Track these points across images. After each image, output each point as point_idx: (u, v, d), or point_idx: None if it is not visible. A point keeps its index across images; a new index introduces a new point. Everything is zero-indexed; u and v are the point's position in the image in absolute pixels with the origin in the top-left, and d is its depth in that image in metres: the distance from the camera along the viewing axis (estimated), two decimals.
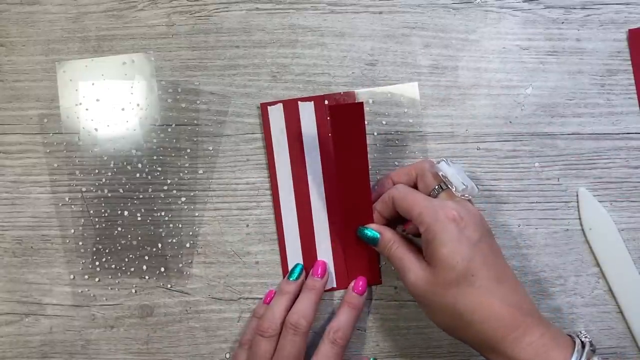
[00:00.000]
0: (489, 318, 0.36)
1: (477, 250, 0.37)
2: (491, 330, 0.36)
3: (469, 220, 0.38)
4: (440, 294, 0.38)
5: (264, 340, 0.42)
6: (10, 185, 0.47)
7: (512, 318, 0.36)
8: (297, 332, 0.41)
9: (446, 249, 0.37)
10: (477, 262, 0.37)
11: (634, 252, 0.46)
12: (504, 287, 0.37)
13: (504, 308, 0.36)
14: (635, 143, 0.47)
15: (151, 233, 0.47)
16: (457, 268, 0.37)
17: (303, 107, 0.47)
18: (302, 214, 0.47)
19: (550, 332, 0.36)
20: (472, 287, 0.37)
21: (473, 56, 0.47)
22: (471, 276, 0.37)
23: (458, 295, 0.37)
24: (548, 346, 0.35)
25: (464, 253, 0.37)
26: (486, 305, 0.36)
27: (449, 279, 0.37)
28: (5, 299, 0.47)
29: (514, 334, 0.36)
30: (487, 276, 0.37)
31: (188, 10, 0.48)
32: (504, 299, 0.37)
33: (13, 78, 0.48)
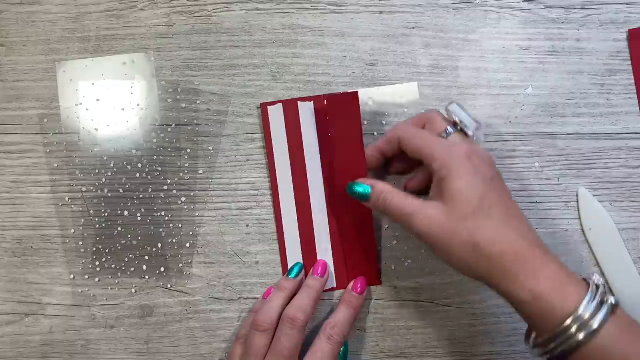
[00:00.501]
0: (509, 249, 0.36)
1: (492, 186, 0.37)
2: (510, 262, 0.35)
3: (483, 158, 0.39)
4: (457, 230, 0.37)
5: (258, 334, 0.41)
6: (10, 185, 0.47)
7: (530, 250, 0.36)
8: (294, 327, 0.41)
9: (463, 182, 0.37)
10: (492, 197, 0.37)
11: (634, 252, 0.46)
12: (518, 220, 0.37)
13: (519, 239, 0.36)
14: (635, 143, 0.47)
15: (151, 233, 0.47)
16: (474, 201, 0.36)
17: (303, 107, 0.47)
18: (302, 214, 0.47)
19: (564, 268, 0.36)
20: (490, 219, 0.36)
21: (473, 56, 0.47)
22: (487, 208, 0.36)
23: (476, 229, 0.36)
24: (564, 282, 0.35)
25: (481, 187, 0.37)
26: (504, 237, 0.36)
27: (465, 212, 0.36)
28: (6, 299, 0.47)
29: (532, 266, 0.35)
30: (503, 211, 0.37)
31: (188, 10, 0.48)
32: (519, 231, 0.36)
33: (13, 78, 0.48)
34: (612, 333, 0.33)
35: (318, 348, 0.41)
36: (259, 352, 0.41)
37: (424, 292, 0.47)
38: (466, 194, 0.37)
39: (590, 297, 0.34)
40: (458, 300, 0.46)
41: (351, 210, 0.46)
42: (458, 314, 0.46)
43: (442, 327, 0.46)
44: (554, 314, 0.34)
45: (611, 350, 0.33)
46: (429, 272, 0.47)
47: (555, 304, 0.34)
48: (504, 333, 0.46)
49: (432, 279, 0.47)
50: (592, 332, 0.33)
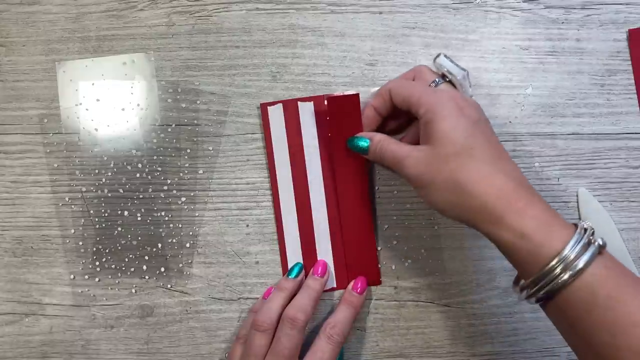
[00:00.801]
0: (492, 189, 0.35)
1: (477, 127, 0.37)
2: (493, 201, 0.35)
3: (469, 102, 0.39)
4: (441, 169, 0.37)
5: (258, 334, 0.41)
6: (10, 185, 0.47)
7: (515, 190, 0.35)
8: (294, 326, 0.41)
9: (447, 123, 0.37)
10: (477, 138, 0.37)
11: (634, 252, 0.46)
12: (504, 161, 0.37)
13: (504, 179, 0.36)
14: (635, 143, 0.47)
15: (151, 233, 0.47)
16: (459, 141, 0.37)
17: (303, 107, 0.47)
18: (302, 214, 0.47)
19: (551, 210, 0.35)
20: (474, 159, 0.36)
21: (473, 56, 0.47)
22: (471, 149, 0.36)
23: (459, 168, 0.36)
24: (550, 222, 0.34)
25: (465, 127, 0.37)
26: (488, 177, 0.36)
27: (450, 152, 0.37)
28: (5, 299, 0.47)
29: (516, 205, 0.35)
30: (488, 152, 0.37)
31: (188, 10, 0.48)
32: (504, 171, 0.36)
33: (13, 78, 0.48)
34: (598, 273, 0.33)
35: (318, 348, 0.41)
36: (258, 352, 0.41)
37: (424, 292, 0.47)
38: (451, 134, 0.37)
39: (577, 238, 0.34)
40: (458, 300, 0.46)
41: (351, 210, 0.46)
42: (458, 314, 0.46)
43: (442, 327, 0.46)
44: (540, 254, 0.34)
45: (596, 289, 0.33)
46: (429, 272, 0.47)
47: (542, 243, 0.34)
48: (504, 333, 0.46)
49: (432, 279, 0.47)
50: (577, 271, 0.33)
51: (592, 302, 0.33)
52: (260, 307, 0.44)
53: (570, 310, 0.33)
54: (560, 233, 0.34)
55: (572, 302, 0.33)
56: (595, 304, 0.32)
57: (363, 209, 0.46)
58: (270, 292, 0.45)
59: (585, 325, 0.33)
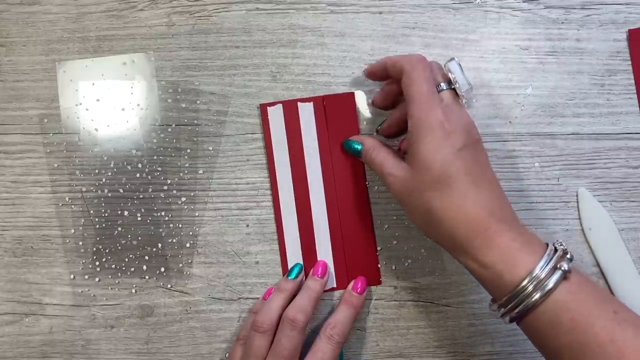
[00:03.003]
0: (459, 218, 0.37)
1: (458, 156, 0.37)
2: (461, 230, 0.36)
3: (457, 126, 0.38)
4: (417, 195, 0.38)
5: (258, 335, 0.41)
6: (10, 185, 0.47)
7: (483, 220, 0.36)
8: (294, 328, 0.41)
9: (429, 149, 0.37)
10: (456, 167, 0.37)
11: (634, 252, 0.46)
12: (481, 192, 0.37)
13: (476, 209, 0.36)
14: (635, 143, 0.47)
15: (151, 233, 0.47)
16: (435, 170, 0.37)
17: (302, 107, 0.47)
18: (302, 214, 0.47)
19: (524, 237, 0.36)
20: (449, 188, 0.37)
21: (473, 56, 0.47)
22: (448, 178, 0.37)
23: (433, 196, 0.37)
24: (517, 250, 0.35)
25: (444, 156, 0.37)
26: (458, 206, 0.37)
27: (426, 180, 0.37)
28: (5, 299, 0.47)
29: (482, 235, 0.36)
30: (465, 180, 0.37)
31: (188, 10, 0.48)
32: (478, 201, 0.37)
33: (13, 78, 0.48)
34: (560, 299, 0.34)
35: (318, 348, 0.41)
36: (258, 353, 0.41)
37: (424, 292, 0.47)
38: (427, 162, 0.37)
39: (542, 264, 0.35)
40: (458, 300, 0.46)
41: (351, 210, 0.46)
42: (458, 314, 0.46)
43: (442, 327, 0.46)
44: (501, 284, 0.35)
45: (559, 314, 0.34)
46: (429, 272, 0.47)
47: (501, 274, 0.35)
48: (504, 333, 0.46)
49: (432, 279, 0.47)
50: (540, 297, 0.34)
51: (557, 325, 0.34)
52: (260, 308, 0.44)
53: (538, 331, 0.35)
54: (524, 261, 0.35)
55: (540, 324, 0.35)
56: (560, 327, 0.34)
57: (363, 209, 0.46)
58: (270, 292, 0.45)
59: (554, 345, 0.35)
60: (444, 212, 0.37)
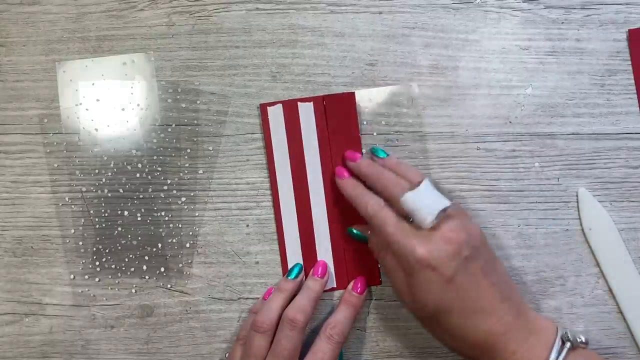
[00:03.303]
0: (461, 346, 0.39)
1: (450, 287, 0.38)
2: (466, 352, 0.39)
3: (442, 256, 0.38)
4: (419, 319, 0.41)
5: (257, 335, 0.41)
6: (10, 185, 0.47)
7: (484, 345, 0.38)
8: (294, 328, 0.41)
9: (417, 291, 0.39)
10: (449, 299, 0.38)
11: (634, 252, 0.46)
12: (478, 316, 0.38)
13: (476, 338, 0.38)
14: (635, 143, 0.47)
15: (151, 233, 0.47)
16: (429, 307, 0.38)
17: (302, 107, 0.47)
18: (302, 214, 0.47)
19: (525, 347, 0.37)
20: (447, 320, 0.38)
21: (473, 56, 0.47)
22: (444, 312, 0.38)
23: (433, 326, 0.40)
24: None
25: (435, 295, 0.38)
26: (458, 337, 0.38)
27: (424, 314, 0.39)
28: (5, 299, 0.47)
29: (487, 354, 0.38)
30: (461, 308, 0.38)
31: (188, 10, 0.48)
32: (477, 329, 0.38)
33: (13, 78, 0.48)
34: None
35: (318, 348, 0.41)
36: (258, 353, 0.41)
37: None
38: (421, 302, 0.39)
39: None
40: None
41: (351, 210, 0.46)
42: None
43: None
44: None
45: None
46: None
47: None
48: None
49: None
50: None
51: None
52: (260, 308, 0.44)
53: None
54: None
55: None
56: None
57: None
58: (270, 292, 0.45)
59: None
60: (446, 341, 0.40)
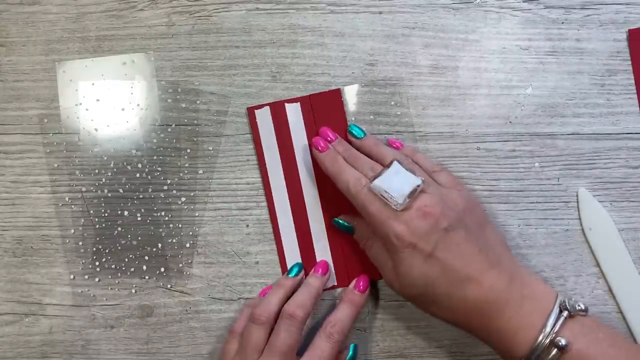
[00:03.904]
0: (456, 320, 0.39)
1: (433, 261, 0.38)
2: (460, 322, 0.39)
3: (420, 232, 0.38)
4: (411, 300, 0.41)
5: (255, 327, 0.41)
6: (10, 185, 0.47)
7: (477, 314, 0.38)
8: (293, 322, 0.41)
9: (401, 271, 0.39)
10: (434, 273, 0.38)
11: (634, 252, 0.46)
12: (465, 285, 0.38)
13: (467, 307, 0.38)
14: (635, 143, 0.47)
15: (151, 233, 0.47)
16: (416, 285, 0.39)
17: (290, 108, 0.47)
18: (297, 214, 0.47)
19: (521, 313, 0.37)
20: (436, 294, 0.39)
21: (473, 56, 0.47)
22: (432, 287, 0.38)
23: (425, 304, 0.40)
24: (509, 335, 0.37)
25: (419, 271, 0.38)
26: (451, 309, 0.39)
27: (413, 293, 0.40)
28: (5, 299, 0.47)
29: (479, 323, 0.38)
30: (448, 280, 0.38)
31: (188, 10, 0.48)
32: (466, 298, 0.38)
33: (13, 78, 0.48)
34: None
35: (317, 346, 0.41)
36: (255, 346, 0.40)
37: None
38: (407, 280, 0.39)
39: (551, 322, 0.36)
40: None
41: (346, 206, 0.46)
42: None
43: (442, 327, 0.46)
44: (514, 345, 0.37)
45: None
46: None
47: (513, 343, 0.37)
48: None
49: None
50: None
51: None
52: (258, 302, 0.44)
53: None
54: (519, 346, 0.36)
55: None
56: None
57: None
58: (269, 289, 0.45)
59: None
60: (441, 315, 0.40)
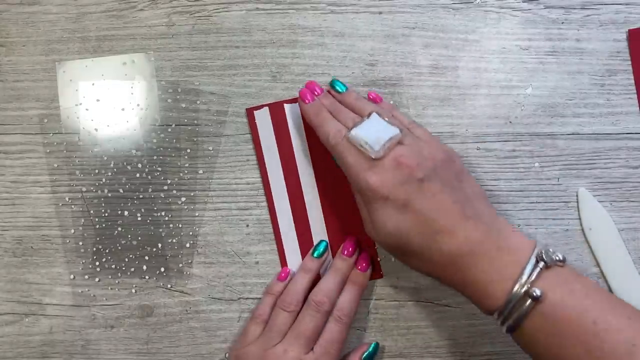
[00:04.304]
0: (433, 271, 0.39)
1: (406, 212, 0.37)
2: (437, 274, 0.39)
3: (395, 182, 0.37)
4: (391, 252, 0.41)
5: (285, 313, 0.43)
6: (10, 185, 0.47)
7: (452, 266, 0.37)
8: (319, 310, 0.42)
9: (377, 221, 0.38)
10: (408, 223, 0.37)
11: (634, 252, 0.46)
12: (439, 237, 0.37)
13: (443, 259, 0.37)
14: (635, 143, 0.47)
15: (151, 233, 0.47)
16: (391, 236, 0.38)
17: (289, 109, 0.47)
18: (297, 214, 0.47)
19: (496, 265, 0.36)
20: (411, 244, 0.38)
21: (473, 56, 0.47)
22: (407, 237, 0.38)
23: (404, 256, 0.39)
24: (484, 288, 0.36)
25: (393, 222, 0.38)
26: (427, 261, 0.38)
27: (390, 243, 0.39)
28: (5, 299, 0.47)
29: (454, 273, 0.37)
30: (422, 231, 0.37)
31: (188, 10, 0.48)
32: (441, 250, 0.37)
33: (13, 78, 0.48)
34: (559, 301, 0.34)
35: (327, 329, 0.42)
36: (280, 329, 0.42)
37: (424, 292, 0.47)
38: (384, 230, 0.38)
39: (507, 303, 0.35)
40: (458, 300, 0.46)
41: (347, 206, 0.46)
42: (458, 314, 0.46)
43: (442, 327, 0.46)
44: (490, 293, 0.36)
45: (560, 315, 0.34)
46: None
47: (488, 289, 0.36)
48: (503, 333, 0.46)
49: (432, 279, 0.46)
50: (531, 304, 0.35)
51: (561, 329, 0.34)
52: (287, 287, 0.44)
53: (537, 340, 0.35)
54: (494, 297, 0.36)
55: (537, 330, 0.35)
56: (564, 331, 0.34)
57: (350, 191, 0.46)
58: (286, 272, 0.46)
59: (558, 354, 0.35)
60: (419, 267, 0.39)
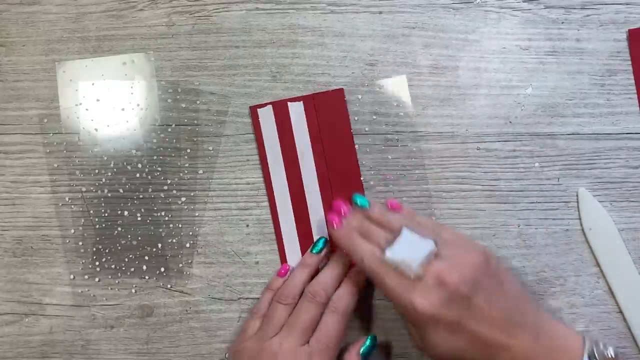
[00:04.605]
0: None
1: (458, 332, 0.38)
2: None
3: (442, 304, 0.37)
4: None
5: (282, 306, 0.43)
6: (10, 185, 0.47)
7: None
8: (314, 301, 0.42)
9: (429, 343, 0.38)
10: (461, 344, 0.38)
11: (634, 252, 0.46)
12: (493, 350, 0.37)
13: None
14: (635, 143, 0.47)
15: (151, 233, 0.47)
16: (446, 356, 0.38)
17: (292, 107, 0.47)
18: (298, 213, 0.47)
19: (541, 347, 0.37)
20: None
21: (473, 56, 0.47)
22: (462, 357, 0.38)
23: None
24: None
25: (446, 344, 0.38)
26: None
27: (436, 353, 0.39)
28: (5, 299, 0.47)
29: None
30: (475, 348, 0.38)
31: (188, 10, 0.48)
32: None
33: (13, 78, 0.48)
34: None
35: (322, 321, 0.42)
36: (277, 323, 0.42)
37: None
38: (437, 351, 0.38)
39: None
40: None
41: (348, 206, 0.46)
42: None
43: None
44: None
45: None
46: None
47: None
48: None
49: None
50: None
51: None
52: (285, 282, 0.44)
53: None
54: None
55: None
56: None
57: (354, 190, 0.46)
58: (286, 268, 0.46)
59: None
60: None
